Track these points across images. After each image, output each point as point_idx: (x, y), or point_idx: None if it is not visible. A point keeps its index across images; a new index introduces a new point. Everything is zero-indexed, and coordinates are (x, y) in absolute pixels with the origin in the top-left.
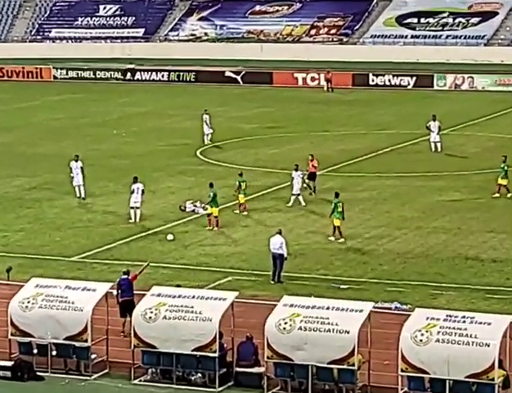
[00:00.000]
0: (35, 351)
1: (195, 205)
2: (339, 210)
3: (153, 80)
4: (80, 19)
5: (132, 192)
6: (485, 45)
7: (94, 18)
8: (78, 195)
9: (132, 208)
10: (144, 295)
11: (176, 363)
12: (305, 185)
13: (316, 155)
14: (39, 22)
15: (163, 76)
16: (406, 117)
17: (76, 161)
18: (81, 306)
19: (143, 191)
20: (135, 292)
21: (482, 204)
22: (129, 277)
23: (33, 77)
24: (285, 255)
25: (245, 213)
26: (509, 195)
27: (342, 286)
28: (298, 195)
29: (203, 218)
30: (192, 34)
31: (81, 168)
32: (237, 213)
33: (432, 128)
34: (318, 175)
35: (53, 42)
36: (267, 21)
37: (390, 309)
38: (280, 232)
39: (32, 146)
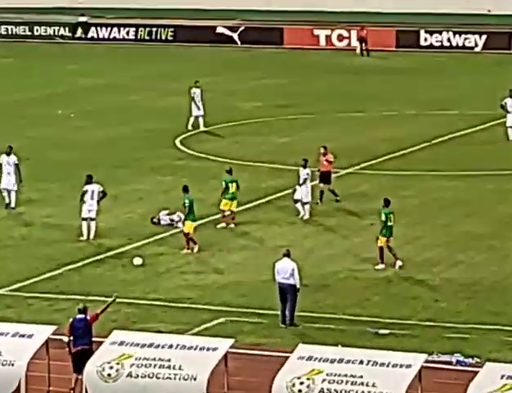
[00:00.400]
0: None
1: (172, 219)
2: (390, 223)
3: (114, 39)
4: None
5: (84, 196)
6: None
7: None
8: (7, 202)
9: (84, 219)
10: (101, 343)
11: None
12: (297, 186)
13: (347, 146)
14: None
15: (128, 33)
16: (473, 92)
17: (8, 155)
18: (12, 359)
19: (101, 196)
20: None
21: None
22: (87, 318)
23: None
24: (298, 286)
25: (221, 225)
26: None
27: (381, 332)
28: (297, 201)
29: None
30: None
31: (15, 165)
32: (232, 227)
33: (509, 108)
34: (344, 175)
35: None
36: None
37: (450, 363)
38: (288, 255)
39: None
